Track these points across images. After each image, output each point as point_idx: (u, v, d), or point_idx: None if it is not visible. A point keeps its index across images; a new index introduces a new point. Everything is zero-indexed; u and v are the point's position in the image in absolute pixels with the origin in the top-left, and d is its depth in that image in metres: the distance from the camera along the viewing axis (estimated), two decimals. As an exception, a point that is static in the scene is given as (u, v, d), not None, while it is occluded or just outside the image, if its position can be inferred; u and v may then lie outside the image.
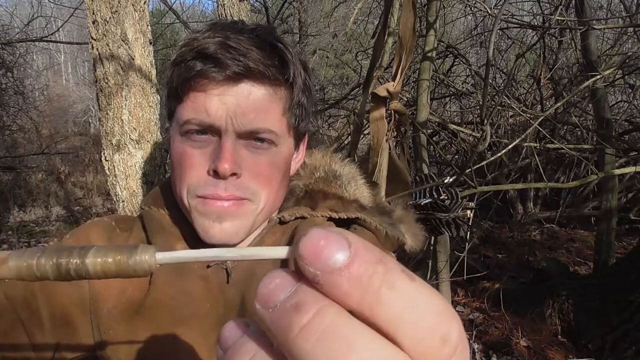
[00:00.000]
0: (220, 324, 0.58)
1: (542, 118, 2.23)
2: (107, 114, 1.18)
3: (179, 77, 0.57)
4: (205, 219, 0.57)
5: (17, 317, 0.59)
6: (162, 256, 0.32)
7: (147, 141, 1.22)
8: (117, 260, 0.31)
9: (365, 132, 3.03)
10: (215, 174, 0.55)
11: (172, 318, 0.58)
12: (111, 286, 0.59)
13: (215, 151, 0.56)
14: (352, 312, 0.18)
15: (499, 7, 3.54)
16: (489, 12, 2.23)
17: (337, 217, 0.65)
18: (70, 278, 0.32)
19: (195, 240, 0.60)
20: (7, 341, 0.59)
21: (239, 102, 0.55)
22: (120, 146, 1.19)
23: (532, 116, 2.41)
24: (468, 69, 4.27)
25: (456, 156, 4.83)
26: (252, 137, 0.57)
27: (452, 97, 4.54)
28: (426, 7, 2.44)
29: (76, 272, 0.32)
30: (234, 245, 0.60)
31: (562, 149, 3.03)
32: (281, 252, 0.29)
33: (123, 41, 1.15)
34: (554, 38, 4.07)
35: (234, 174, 0.55)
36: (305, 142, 0.69)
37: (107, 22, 1.12)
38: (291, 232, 0.64)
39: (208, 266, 0.60)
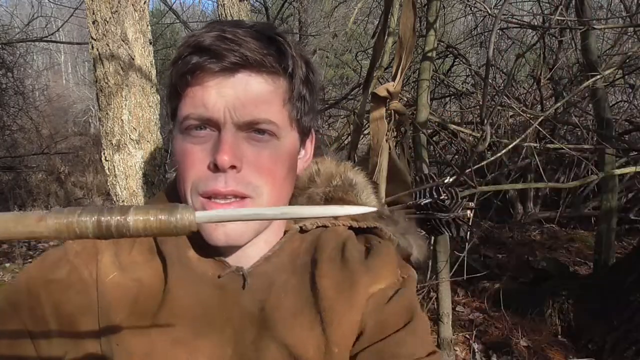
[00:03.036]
0: (235, 335, 0.57)
1: (542, 118, 2.23)
2: (107, 114, 1.18)
3: (177, 74, 0.56)
4: None
5: (23, 327, 0.57)
6: (201, 215, 0.33)
7: (147, 141, 1.22)
8: (158, 218, 0.32)
9: (365, 132, 3.03)
10: (215, 167, 0.54)
11: (189, 330, 0.56)
12: (123, 295, 0.57)
13: (215, 145, 0.54)
14: None
15: (499, 7, 3.55)
16: (489, 12, 2.23)
17: (357, 226, 0.65)
18: (110, 236, 0.33)
19: (205, 245, 0.58)
20: (13, 353, 0.56)
21: (237, 93, 0.54)
22: (120, 146, 1.19)
23: (532, 116, 2.41)
24: (468, 69, 4.27)
25: (456, 156, 4.83)
26: (252, 128, 0.56)
27: (452, 97, 4.54)
28: (426, 7, 2.44)
29: (117, 230, 0.32)
30: (240, 247, 0.59)
31: (562, 149, 3.03)
32: (337, 210, 0.31)
33: (123, 41, 1.15)
34: (554, 38, 4.07)
35: (233, 167, 0.54)
36: (312, 140, 0.67)
37: (107, 22, 1.12)
38: (312, 241, 0.63)
39: (219, 276, 0.58)
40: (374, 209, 0.34)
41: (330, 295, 0.58)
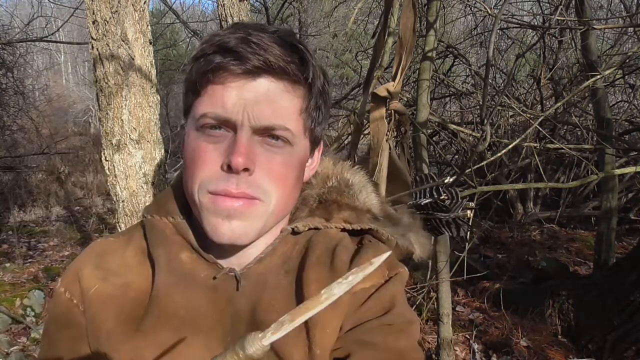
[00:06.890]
0: (225, 335, 0.57)
1: (542, 118, 2.23)
2: (107, 114, 1.18)
3: (198, 71, 0.56)
4: (214, 216, 0.56)
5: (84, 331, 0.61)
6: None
7: (147, 141, 1.22)
8: None
9: (365, 132, 3.03)
10: (229, 168, 0.54)
11: (176, 335, 0.56)
12: (107, 305, 0.58)
13: (230, 145, 0.55)
14: None
15: (499, 7, 3.55)
16: (489, 12, 2.23)
17: (350, 228, 0.66)
18: None
19: (203, 245, 0.59)
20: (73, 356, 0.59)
21: (257, 97, 0.54)
22: (120, 146, 1.19)
23: (532, 116, 2.41)
24: (468, 69, 4.27)
25: (456, 156, 4.83)
26: (267, 133, 0.56)
27: (452, 97, 4.55)
28: (426, 7, 2.44)
29: None
30: (243, 247, 0.60)
31: (562, 149, 3.03)
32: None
33: (123, 41, 1.15)
34: (554, 38, 4.07)
35: (246, 170, 0.54)
36: (320, 150, 0.68)
37: (107, 22, 1.12)
38: (304, 243, 0.64)
39: (214, 277, 0.59)
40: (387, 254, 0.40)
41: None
